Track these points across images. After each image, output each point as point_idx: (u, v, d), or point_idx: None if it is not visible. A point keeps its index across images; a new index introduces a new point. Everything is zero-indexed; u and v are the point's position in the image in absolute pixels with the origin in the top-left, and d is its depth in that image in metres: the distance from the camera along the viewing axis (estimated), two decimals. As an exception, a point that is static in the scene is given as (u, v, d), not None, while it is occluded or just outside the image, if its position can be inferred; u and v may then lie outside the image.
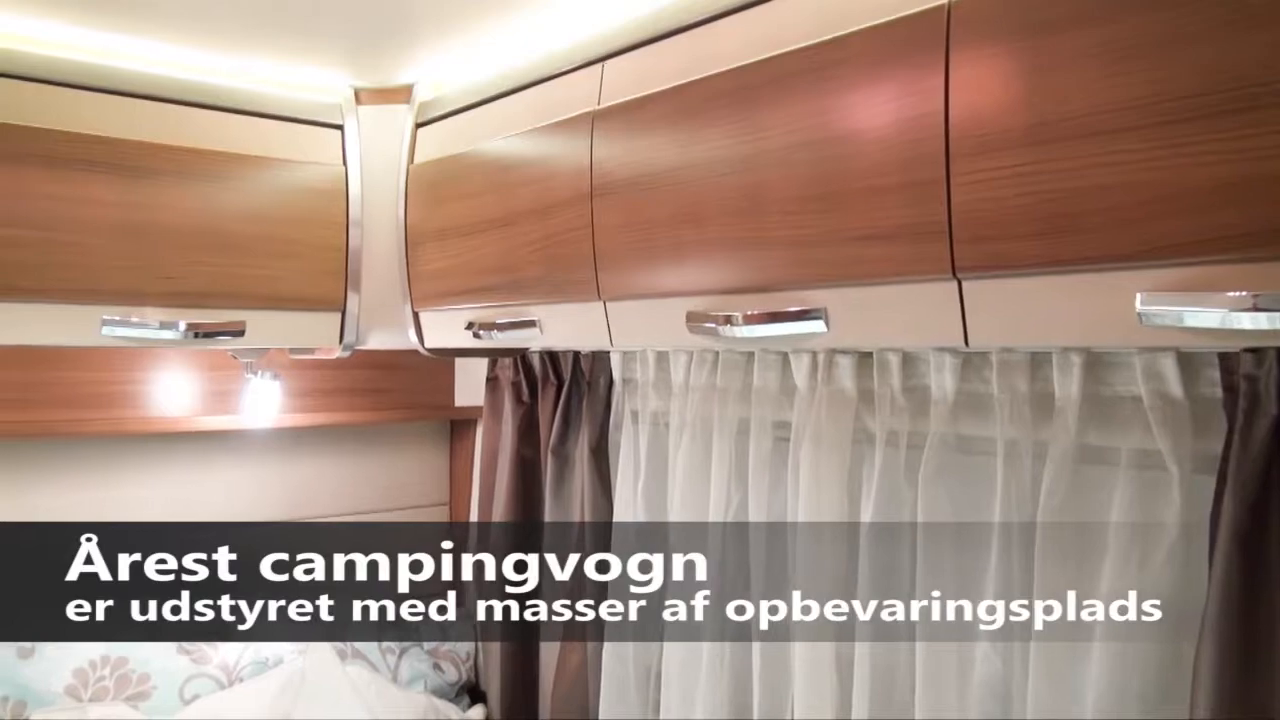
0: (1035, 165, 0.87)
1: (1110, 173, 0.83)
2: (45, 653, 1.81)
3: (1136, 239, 0.82)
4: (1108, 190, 0.83)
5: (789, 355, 1.50)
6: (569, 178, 1.43)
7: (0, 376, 1.86)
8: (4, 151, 1.46)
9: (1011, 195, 0.89)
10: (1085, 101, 0.84)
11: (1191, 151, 0.78)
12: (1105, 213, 0.84)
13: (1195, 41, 0.78)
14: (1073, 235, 0.86)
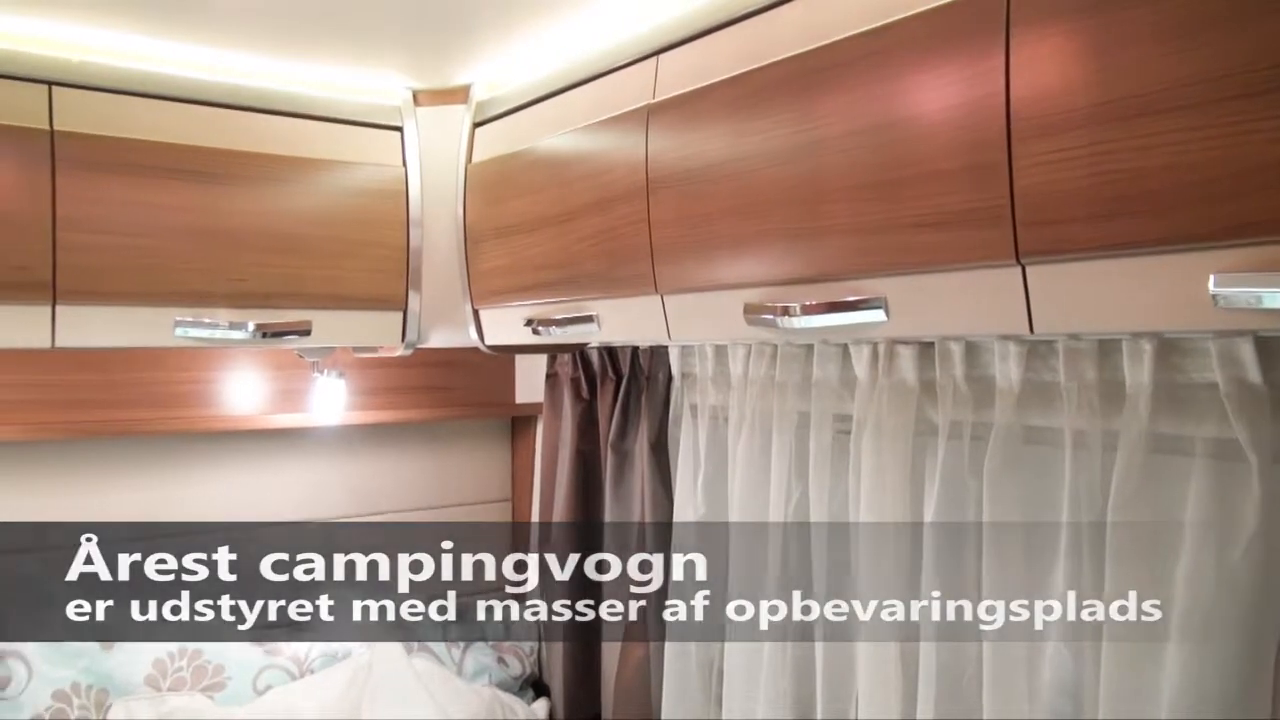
0: (1100, 145, 0.85)
1: (1178, 151, 0.80)
2: (127, 644, 1.87)
3: (1208, 218, 0.80)
4: (1176, 169, 0.80)
5: (849, 347, 1.49)
6: (625, 172, 1.44)
7: (81, 378, 1.94)
8: (86, 160, 1.52)
9: (1076, 177, 0.87)
10: (1150, 78, 0.82)
11: (1265, 126, 0.75)
12: (1175, 192, 0.81)
13: (1263, 13, 0.75)
14: (1141, 216, 0.84)
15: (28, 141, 1.49)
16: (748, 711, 1.69)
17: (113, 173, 1.56)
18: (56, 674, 1.77)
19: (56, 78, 1.53)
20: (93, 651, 1.83)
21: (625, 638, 1.91)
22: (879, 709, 1.45)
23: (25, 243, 1.48)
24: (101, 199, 1.55)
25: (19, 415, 1.86)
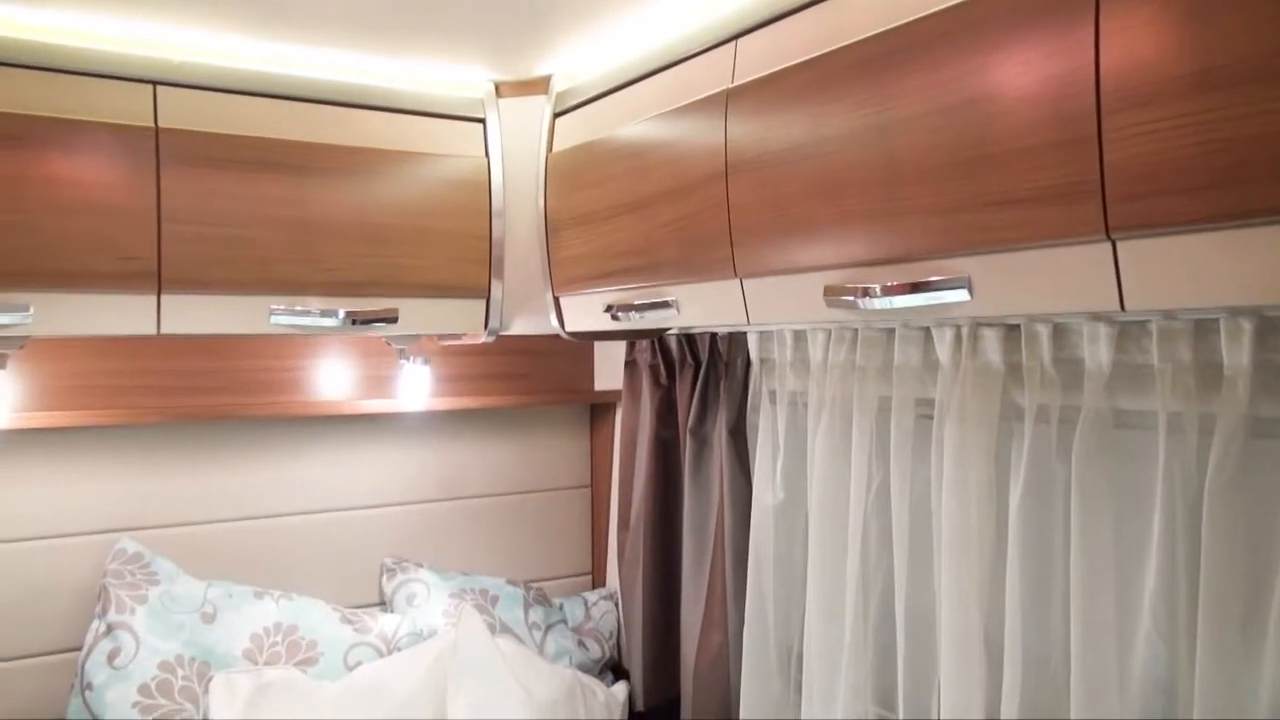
0: (1196, 115, 0.82)
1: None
2: (226, 619, 1.95)
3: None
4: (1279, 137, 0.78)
5: (931, 330, 1.47)
6: (703, 157, 1.44)
7: (183, 365, 2.03)
8: (188, 155, 1.60)
9: (1170, 148, 0.85)
10: (1251, 44, 0.79)
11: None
12: (1277, 161, 0.78)
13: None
14: (1240, 187, 0.81)
15: (134, 139, 1.57)
16: (828, 699, 1.68)
17: (213, 167, 1.63)
18: (162, 646, 1.86)
19: (160, 78, 1.61)
20: (194, 625, 1.92)
21: (704, 623, 1.92)
22: (962, 696, 1.43)
23: (134, 235, 1.56)
24: (202, 192, 1.62)
25: (127, 400, 1.96)
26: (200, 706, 1.83)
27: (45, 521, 1.91)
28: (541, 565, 2.47)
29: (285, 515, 2.16)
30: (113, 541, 1.95)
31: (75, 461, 1.94)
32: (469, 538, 2.37)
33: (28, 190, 1.49)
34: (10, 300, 1.49)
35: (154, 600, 1.89)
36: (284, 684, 1.87)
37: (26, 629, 1.89)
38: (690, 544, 1.98)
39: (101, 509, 1.96)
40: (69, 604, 1.92)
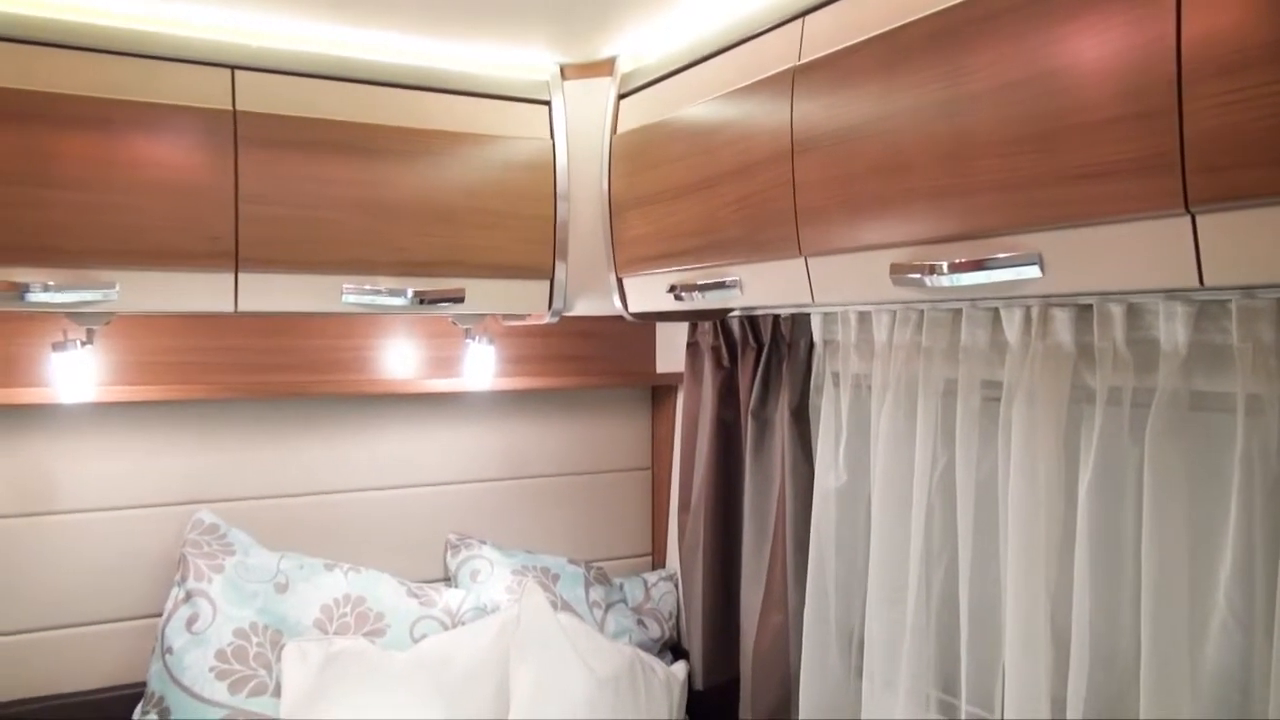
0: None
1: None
2: (298, 589, 2.02)
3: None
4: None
5: (1000, 311, 1.44)
6: (769, 136, 1.44)
7: (257, 343, 2.09)
8: (265, 138, 1.65)
9: (1254, 118, 0.82)
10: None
11: None
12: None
13: None
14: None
15: (214, 122, 1.62)
16: (889, 683, 1.67)
17: (288, 149, 1.67)
18: (237, 614, 1.92)
19: (238, 62, 1.66)
20: (268, 594, 1.98)
21: (764, 604, 1.92)
22: (1027, 684, 1.41)
23: (213, 215, 1.62)
24: (278, 174, 1.67)
25: (205, 376, 2.03)
26: (273, 673, 1.89)
27: (129, 492, 1.99)
28: (602, 546, 2.50)
29: (353, 491, 2.22)
30: (191, 513, 2.02)
31: (156, 434, 2.02)
32: (531, 517, 2.41)
33: (114, 172, 1.55)
34: (98, 277, 1.55)
35: (230, 570, 1.96)
36: (353, 653, 1.92)
37: (112, 595, 1.97)
38: (751, 526, 1.98)
39: (180, 481, 2.04)
40: (151, 572, 2.00)
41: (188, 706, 1.82)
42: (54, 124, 1.50)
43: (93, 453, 1.96)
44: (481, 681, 1.92)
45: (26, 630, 1.90)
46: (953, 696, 1.61)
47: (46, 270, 1.52)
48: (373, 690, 1.87)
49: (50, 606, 1.92)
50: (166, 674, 1.85)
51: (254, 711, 1.85)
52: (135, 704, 1.89)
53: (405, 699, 1.88)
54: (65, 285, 1.52)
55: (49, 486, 1.92)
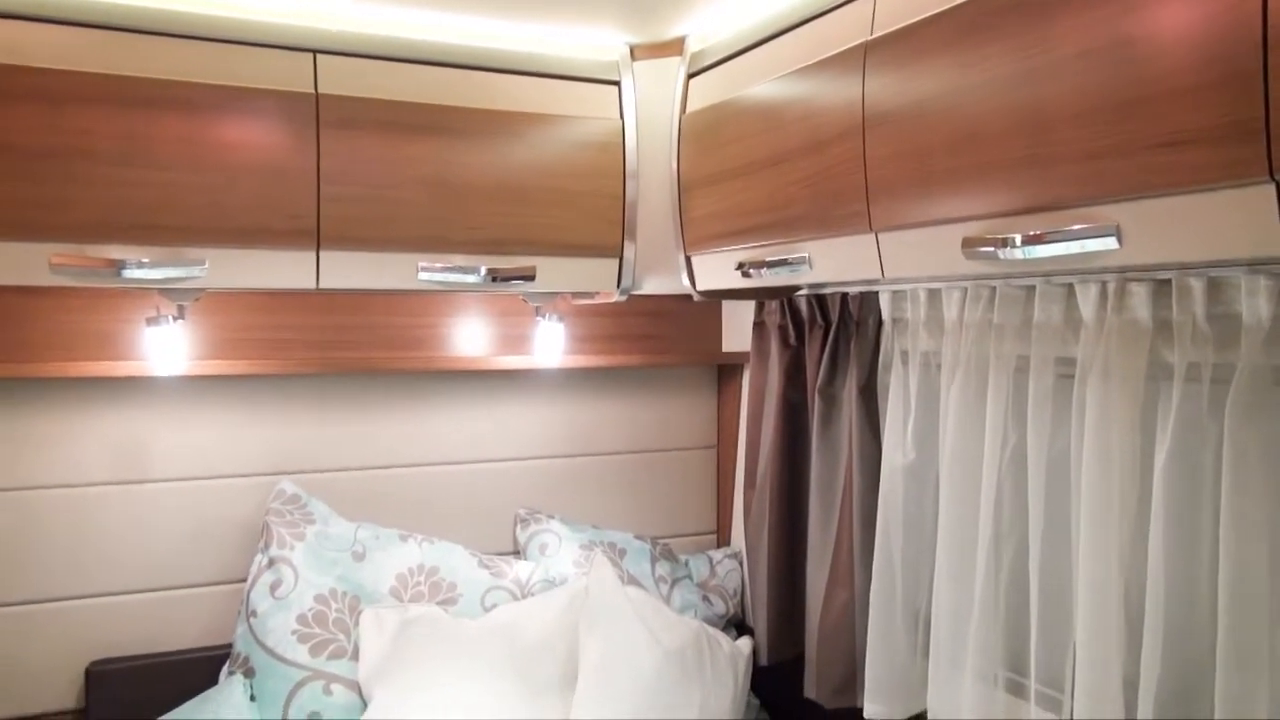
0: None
1: None
2: (375, 558, 2.09)
3: None
4: None
5: (1074, 286, 1.42)
6: (840, 112, 1.44)
7: (336, 320, 2.16)
8: (345, 120, 1.70)
9: (1345, 82, 0.81)
10: None
11: None
12: None
13: None
14: None
15: (297, 104, 1.67)
16: (955, 661, 1.67)
17: (367, 130, 1.72)
18: (318, 580, 2.00)
19: (320, 46, 1.71)
20: (346, 562, 2.05)
21: (830, 581, 1.93)
22: (1098, 665, 1.39)
23: (296, 195, 1.68)
24: (358, 154, 1.72)
25: (288, 353, 2.10)
26: (351, 637, 1.97)
27: (216, 462, 2.08)
28: (667, 523, 2.53)
29: (426, 465, 2.28)
30: (274, 483, 2.10)
31: (241, 408, 2.10)
32: (598, 493, 2.45)
33: (204, 153, 1.61)
34: (188, 255, 1.63)
35: (311, 538, 2.04)
36: (427, 620, 1.98)
37: (200, 560, 2.07)
38: (817, 503, 1.99)
39: (264, 452, 2.12)
40: (236, 539, 2.09)
41: (271, 667, 1.90)
42: (149, 107, 1.57)
43: (183, 424, 2.05)
44: (551, 650, 1.97)
45: (125, 592, 2.01)
46: (1021, 676, 1.61)
47: (141, 248, 1.59)
48: (446, 656, 1.93)
49: (145, 570, 2.02)
50: (251, 636, 1.94)
51: (334, 673, 1.92)
52: (223, 664, 1.98)
53: (477, 665, 1.93)
54: (158, 262, 1.60)
55: (143, 456, 2.02)
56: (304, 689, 1.89)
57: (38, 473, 1.94)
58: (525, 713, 1.89)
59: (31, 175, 1.51)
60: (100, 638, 1.99)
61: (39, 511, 1.94)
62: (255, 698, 1.89)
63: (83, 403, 1.97)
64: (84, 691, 1.96)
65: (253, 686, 1.90)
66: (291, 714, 1.87)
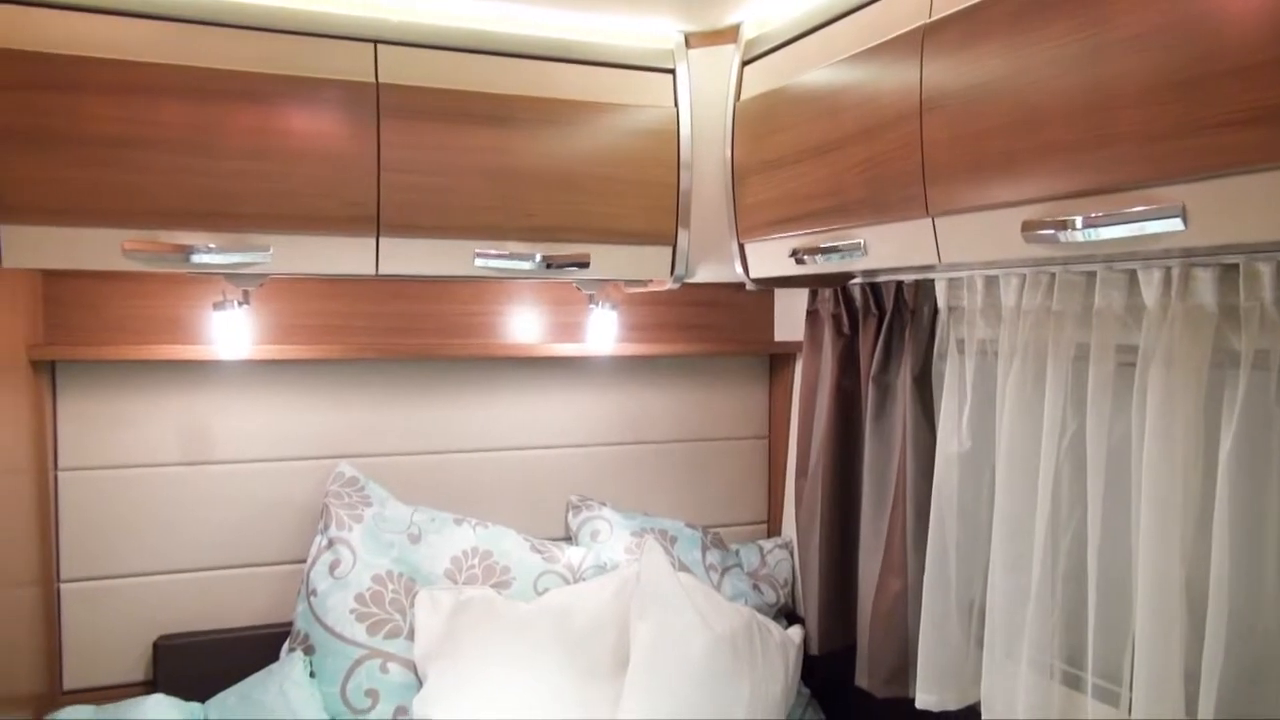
0: None
1: None
2: (430, 541, 2.13)
3: None
4: None
5: (1137, 272, 1.40)
6: (897, 96, 1.43)
7: (394, 308, 2.20)
8: (405, 108, 1.73)
9: None
10: None
11: None
12: None
13: None
14: None
15: (358, 93, 1.71)
16: (1011, 653, 1.65)
17: (426, 119, 1.75)
18: (375, 561, 2.04)
19: (380, 36, 1.74)
20: (402, 544, 2.09)
21: (883, 570, 1.92)
22: (1159, 657, 1.37)
23: (357, 182, 1.71)
24: (417, 143, 1.75)
25: (345, 339, 2.15)
26: (407, 617, 2.01)
27: (277, 445, 2.14)
28: (718, 512, 2.53)
29: (480, 451, 2.31)
30: (333, 466, 2.15)
31: (301, 392, 2.15)
32: (649, 481, 2.46)
33: (269, 141, 1.66)
34: (253, 241, 1.67)
35: (368, 520, 2.08)
36: (481, 601, 2.01)
37: (263, 540, 2.12)
38: (870, 491, 1.98)
39: (323, 436, 2.17)
40: (297, 520, 2.14)
41: (330, 644, 1.95)
42: (217, 98, 1.62)
43: (246, 408, 2.11)
44: (602, 633, 1.99)
45: (191, 570, 2.07)
46: (1078, 668, 1.58)
47: (209, 234, 1.64)
48: (499, 637, 1.96)
49: (210, 549, 2.09)
50: (311, 614, 1.98)
51: (390, 651, 1.96)
52: (283, 641, 2.03)
53: (529, 647, 1.96)
54: (225, 248, 1.65)
55: (209, 438, 2.08)
56: (361, 666, 1.94)
57: (111, 453, 2.01)
58: (576, 694, 1.91)
59: (106, 163, 1.57)
60: (168, 614, 2.05)
61: (112, 491, 2.01)
62: (315, 674, 1.94)
63: (153, 386, 2.04)
64: (152, 664, 2.03)
65: (312, 663, 1.95)
66: (349, 690, 1.92)
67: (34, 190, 1.54)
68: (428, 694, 1.89)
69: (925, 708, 1.80)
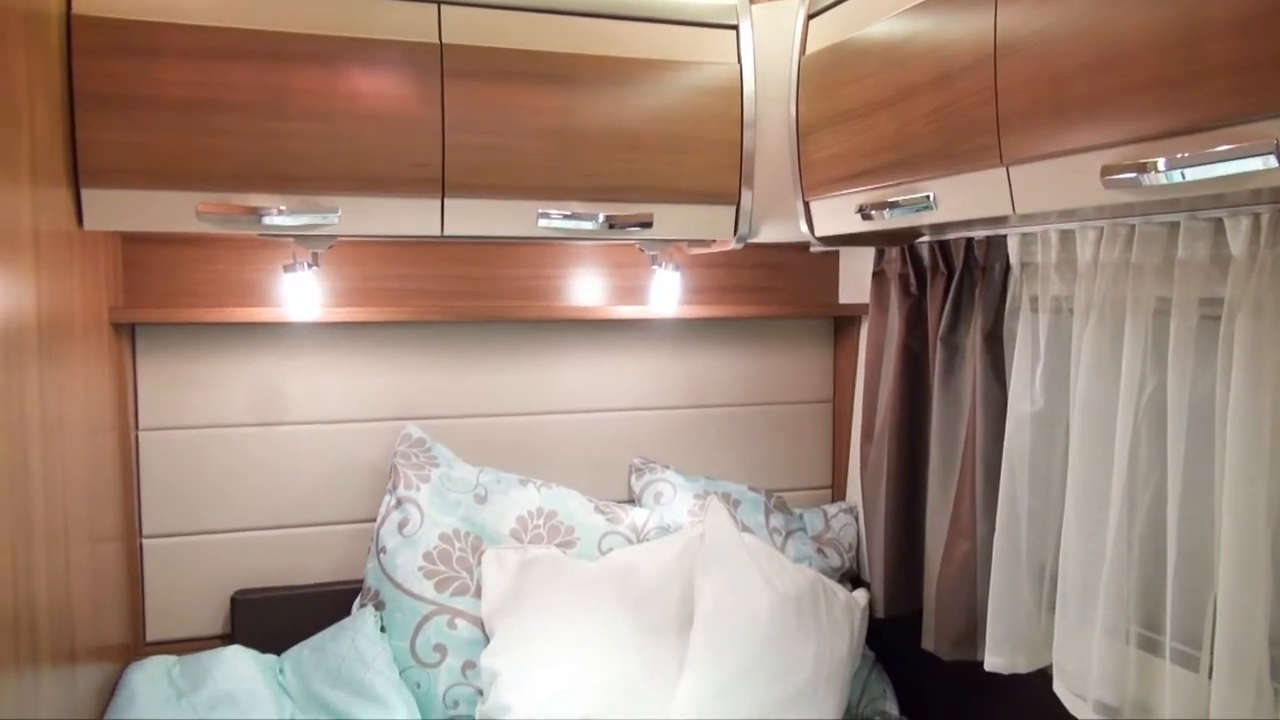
0: None
1: None
2: (495, 501, 2.15)
3: None
4: None
5: (1223, 221, 1.34)
6: (969, 42, 1.39)
7: (459, 271, 2.22)
8: (468, 69, 1.74)
9: None
10: None
11: None
12: None
13: None
14: None
15: (422, 55, 1.72)
16: (1084, 616, 1.61)
17: (489, 80, 1.76)
18: (442, 520, 2.08)
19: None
20: (469, 504, 2.12)
21: (951, 532, 1.89)
22: (1242, 622, 1.32)
23: (422, 143, 1.73)
24: (480, 103, 1.75)
25: (410, 301, 2.18)
26: (474, 575, 2.04)
27: (347, 406, 2.18)
28: (782, 476, 2.52)
29: (544, 414, 2.33)
30: (400, 427, 2.19)
31: (369, 354, 2.19)
32: (712, 445, 2.45)
33: (336, 104, 1.68)
34: (322, 203, 1.70)
35: (435, 480, 2.12)
36: (547, 560, 2.04)
37: (334, 500, 2.17)
38: (938, 453, 1.94)
39: (391, 398, 2.21)
40: (366, 480, 2.18)
41: (400, 601, 1.99)
42: (285, 61, 1.64)
43: (316, 370, 2.15)
44: (666, 592, 2.00)
45: (266, 528, 2.13)
46: (1155, 632, 1.54)
47: (279, 196, 1.67)
48: (564, 596, 1.98)
49: (284, 508, 2.14)
50: (381, 571, 2.03)
51: (458, 608, 2.00)
52: (354, 597, 2.08)
53: (594, 605, 1.98)
54: (295, 210, 1.68)
55: (281, 399, 2.13)
56: (430, 622, 1.98)
57: (188, 413, 2.07)
58: (640, 650, 1.92)
59: (180, 127, 1.60)
60: (244, 570, 2.12)
61: (189, 450, 2.08)
62: (385, 629, 1.98)
63: (227, 348, 2.09)
64: (229, 619, 2.09)
65: (383, 618, 1.99)
66: (419, 645, 1.96)
67: (113, 154, 1.59)
68: (495, 649, 1.92)
69: (995, 670, 1.77)
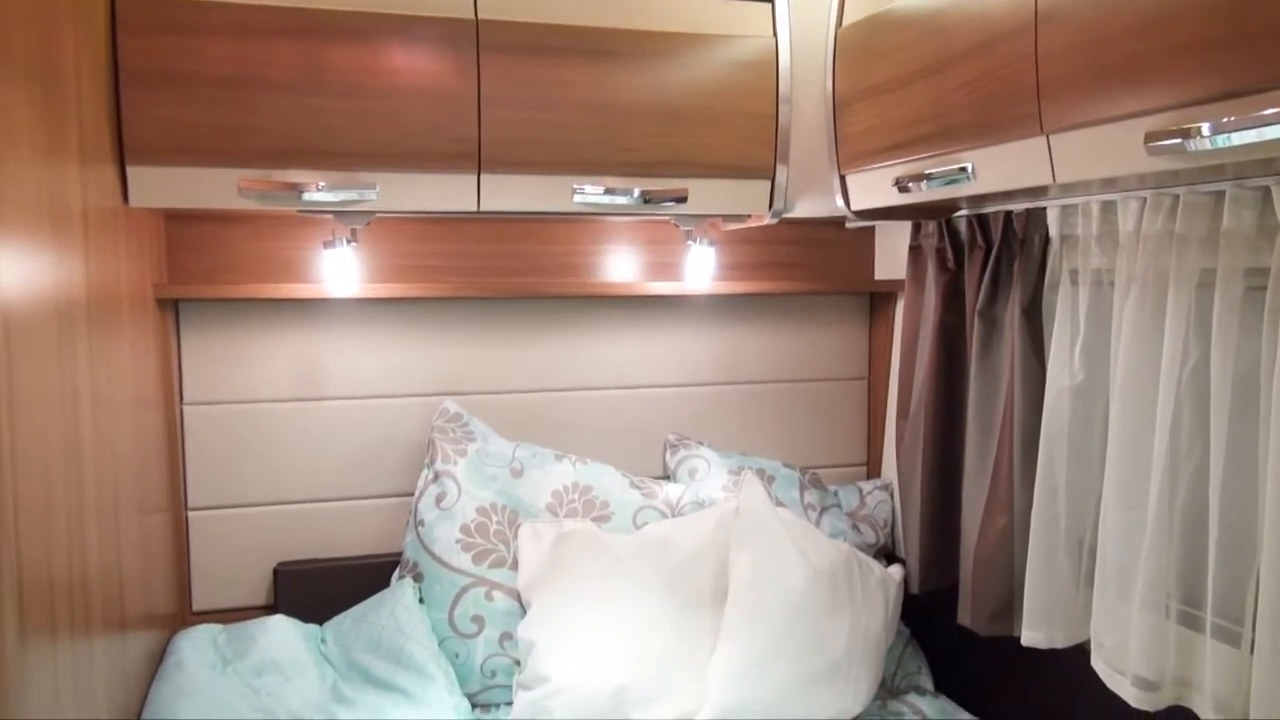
0: None
1: None
2: (531, 475, 2.17)
3: None
4: None
5: (1271, 190, 1.32)
6: (1009, 9, 1.38)
7: (495, 248, 2.24)
8: (504, 44, 1.74)
9: None
10: None
11: None
12: None
13: None
14: None
15: (457, 30, 1.73)
16: (1123, 591, 1.60)
17: (525, 54, 1.76)
18: (479, 494, 2.10)
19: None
20: (505, 478, 2.15)
21: (988, 506, 1.88)
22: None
23: (459, 119, 1.74)
24: (516, 78, 1.76)
25: (446, 277, 2.21)
26: (510, 548, 2.06)
27: (385, 382, 2.21)
28: (817, 453, 2.52)
29: (579, 390, 2.34)
30: (438, 403, 2.22)
31: (407, 330, 2.21)
32: (746, 421, 2.46)
33: (374, 80, 1.69)
34: (362, 179, 1.72)
35: (472, 455, 2.14)
36: (582, 534, 2.06)
37: (373, 473, 2.21)
38: (975, 427, 1.93)
39: (428, 373, 2.23)
40: (404, 454, 2.21)
41: (438, 573, 2.02)
42: (323, 37, 1.66)
43: (354, 345, 2.18)
44: (701, 565, 2.01)
45: (308, 501, 2.17)
46: (1195, 608, 1.53)
47: (319, 172, 1.69)
48: (600, 569, 2.00)
49: (325, 481, 2.18)
50: (419, 544, 2.06)
51: (495, 580, 2.03)
52: (394, 569, 2.11)
53: (629, 578, 1.99)
54: (334, 186, 1.70)
55: (319, 374, 2.17)
56: (467, 594, 2.01)
57: (230, 388, 2.11)
58: (675, 623, 1.94)
59: (221, 104, 1.63)
60: (287, 541, 2.16)
61: (233, 424, 2.12)
62: (424, 600, 2.01)
63: (267, 324, 2.12)
64: (272, 589, 2.14)
65: (421, 590, 2.03)
66: (456, 616, 1.99)
67: (156, 131, 1.62)
68: (531, 620, 1.95)
69: (1032, 645, 1.76)
